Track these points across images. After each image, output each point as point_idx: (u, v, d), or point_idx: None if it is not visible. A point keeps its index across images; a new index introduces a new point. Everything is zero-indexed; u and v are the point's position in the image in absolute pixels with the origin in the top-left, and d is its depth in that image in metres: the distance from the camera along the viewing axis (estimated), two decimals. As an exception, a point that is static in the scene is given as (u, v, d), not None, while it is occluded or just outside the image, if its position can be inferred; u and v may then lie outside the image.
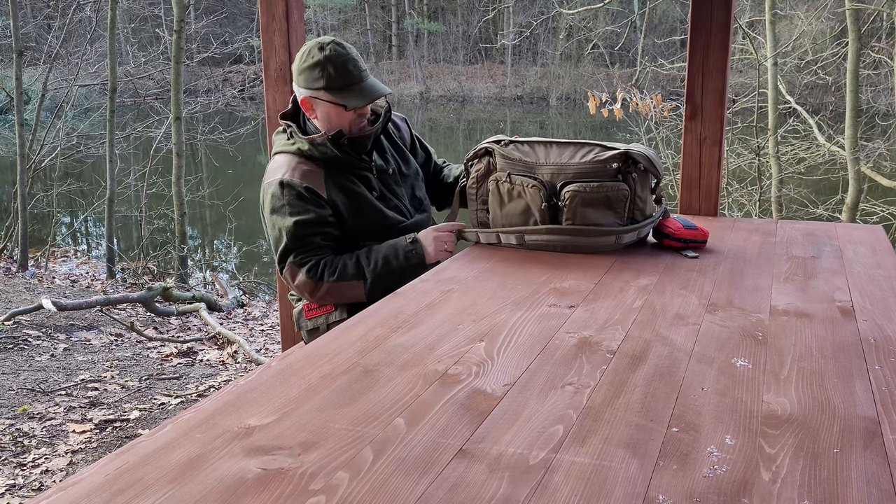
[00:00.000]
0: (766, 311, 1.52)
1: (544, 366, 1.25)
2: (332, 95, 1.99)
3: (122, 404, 3.53)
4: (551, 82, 26.11)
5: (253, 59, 20.71)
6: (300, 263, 1.99)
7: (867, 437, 1.00)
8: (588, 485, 0.89)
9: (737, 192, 7.07)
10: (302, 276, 1.99)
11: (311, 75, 1.99)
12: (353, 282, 2.00)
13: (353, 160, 2.07)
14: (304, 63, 2.00)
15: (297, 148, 2.04)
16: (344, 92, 1.99)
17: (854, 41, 6.75)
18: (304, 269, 1.99)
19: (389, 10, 30.25)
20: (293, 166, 2.01)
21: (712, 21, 2.48)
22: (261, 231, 10.48)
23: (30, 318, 4.96)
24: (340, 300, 2.06)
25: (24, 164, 7.78)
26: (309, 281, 1.99)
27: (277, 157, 2.08)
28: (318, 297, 2.02)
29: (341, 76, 1.98)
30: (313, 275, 1.98)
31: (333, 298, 2.05)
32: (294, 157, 2.03)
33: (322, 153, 2.02)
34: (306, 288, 2.01)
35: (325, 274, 1.99)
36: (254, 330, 5.47)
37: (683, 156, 2.62)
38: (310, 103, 2.04)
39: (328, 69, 1.97)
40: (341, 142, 2.02)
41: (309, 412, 1.08)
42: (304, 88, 2.02)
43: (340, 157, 2.03)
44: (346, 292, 2.01)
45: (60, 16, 11.16)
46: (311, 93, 2.02)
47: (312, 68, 1.98)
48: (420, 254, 2.02)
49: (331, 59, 1.97)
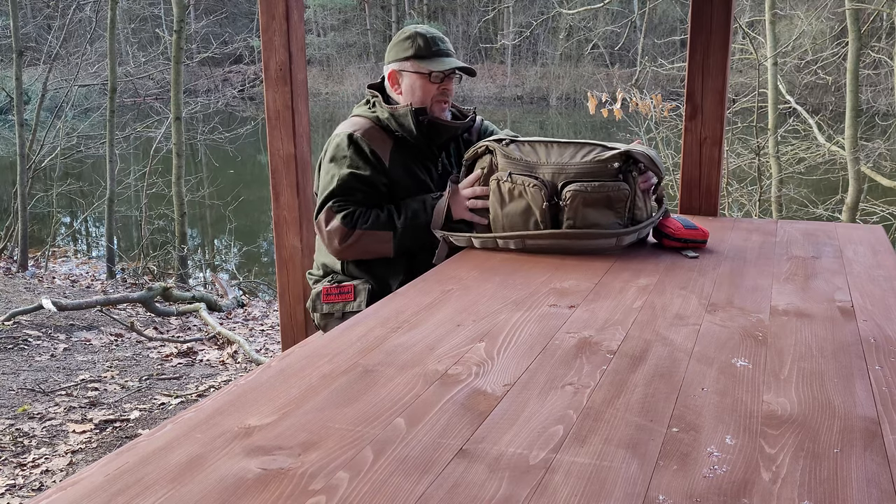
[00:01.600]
0: (766, 311, 1.52)
1: (544, 366, 1.25)
2: (418, 64, 2.10)
3: (122, 404, 3.53)
4: (551, 82, 26.10)
5: (253, 59, 20.70)
6: (338, 209, 2.04)
7: (867, 437, 1.00)
8: (588, 485, 0.89)
9: (737, 192, 7.07)
10: (337, 221, 2.03)
11: (401, 47, 2.12)
12: (383, 232, 2.04)
13: (424, 145, 2.14)
14: (398, 39, 2.15)
15: (375, 115, 2.12)
16: (430, 59, 2.10)
17: (854, 41, 6.75)
18: (340, 214, 2.03)
19: (389, 10, 30.25)
20: (366, 127, 2.10)
21: (712, 21, 2.48)
22: (261, 231, 10.49)
23: (30, 318, 4.96)
24: (367, 253, 2.08)
25: (24, 164, 7.78)
26: (342, 226, 2.02)
27: (352, 118, 2.16)
28: (347, 245, 2.04)
29: (429, 46, 2.10)
30: (348, 221, 2.02)
31: (359, 251, 2.06)
32: (369, 121, 2.12)
33: (399, 125, 2.09)
34: (337, 234, 2.03)
35: (359, 221, 2.03)
36: (254, 330, 5.47)
37: (683, 156, 2.61)
38: (396, 76, 2.15)
39: (418, 40, 2.10)
40: (421, 119, 2.09)
41: (309, 412, 1.08)
42: (393, 62, 2.14)
43: (415, 135, 2.09)
44: (374, 245, 2.05)
45: (60, 16, 11.16)
46: (399, 64, 2.13)
47: (404, 41, 2.12)
48: (446, 200, 2.05)
49: (421, 34, 2.12)
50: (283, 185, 2.61)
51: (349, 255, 2.09)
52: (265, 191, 3.71)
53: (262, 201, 10.21)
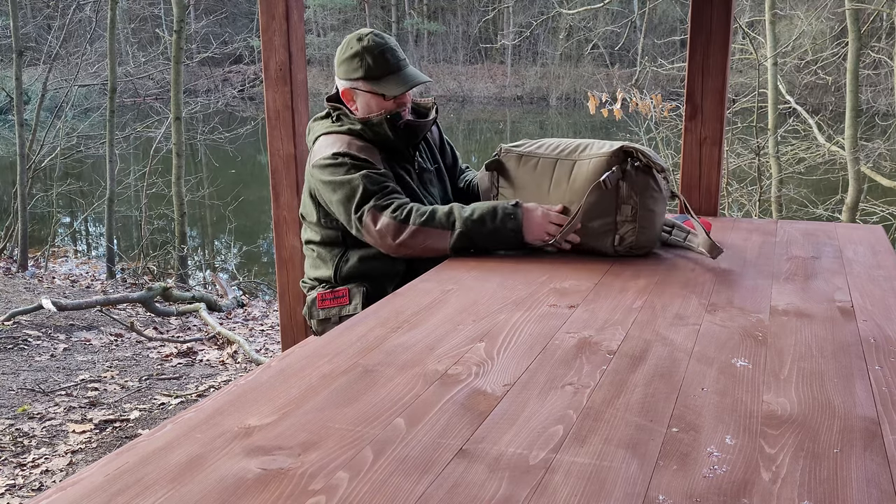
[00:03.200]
0: (766, 311, 1.52)
1: (544, 366, 1.25)
2: (370, 85, 2.02)
3: (122, 404, 3.53)
4: (551, 82, 26.10)
5: (253, 59, 20.71)
6: (382, 206, 1.90)
7: (867, 437, 1.00)
8: (588, 485, 0.89)
9: (737, 192, 7.07)
10: (386, 218, 1.89)
11: (350, 66, 2.02)
12: (440, 230, 1.90)
13: (401, 149, 2.08)
14: (344, 54, 2.04)
15: (347, 128, 2.03)
16: (382, 81, 2.01)
17: (854, 41, 6.75)
18: (387, 210, 1.90)
19: (389, 10, 30.24)
20: (347, 142, 2.00)
21: (712, 21, 2.48)
22: (261, 231, 10.48)
23: (30, 318, 4.96)
24: (421, 251, 1.93)
25: (24, 164, 7.78)
26: (393, 222, 1.89)
27: (324, 138, 2.04)
28: (402, 240, 1.90)
29: (379, 65, 2.00)
30: (398, 215, 1.89)
31: (414, 247, 1.91)
32: (345, 135, 2.03)
33: (376, 133, 2.02)
34: (390, 231, 1.89)
35: (412, 215, 1.90)
36: (254, 330, 5.47)
37: (683, 156, 2.62)
38: (350, 94, 2.07)
39: (366, 59, 2.00)
40: (398, 124, 2.02)
41: (309, 412, 1.08)
42: (345, 80, 2.06)
43: (391, 141, 2.03)
44: (429, 241, 1.91)
45: (60, 16, 11.16)
46: (351, 83, 2.04)
47: (351, 59, 2.02)
48: (519, 221, 1.91)
49: (369, 49, 2.00)
50: (283, 185, 2.61)
51: (404, 252, 1.94)
52: (265, 191, 3.72)
53: (262, 201, 10.21)
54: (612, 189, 1.90)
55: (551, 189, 1.99)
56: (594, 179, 1.91)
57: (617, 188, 1.91)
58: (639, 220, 1.91)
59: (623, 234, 1.92)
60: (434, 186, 2.19)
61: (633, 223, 1.91)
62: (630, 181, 1.90)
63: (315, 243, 2.15)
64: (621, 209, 1.91)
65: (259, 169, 13.03)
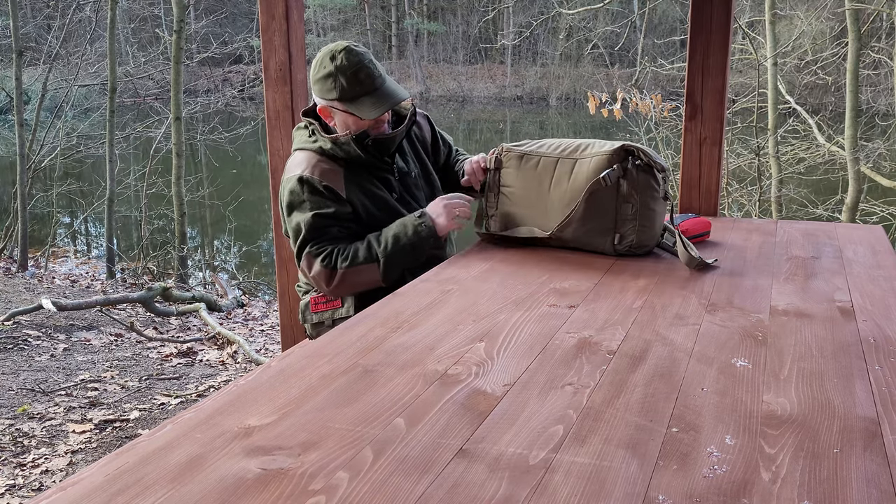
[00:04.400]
0: (766, 311, 1.52)
1: (544, 366, 1.25)
2: (345, 106, 1.99)
3: (122, 404, 3.53)
4: (551, 82, 26.10)
5: (253, 59, 20.71)
6: (315, 254, 1.96)
7: (867, 437, 1.00)
8: (588, 485, 0.89)
9: (737, 192, 7.07)
10: (317, 265, 1.96)
11: (323, 86, 1.98)
12: (366, 265, 1.96)
13: (376, 162, 2.06)
14: (318, 74, 1.99)
15: (318, 146, 2.02)
16: (357, 102, 1.97)
17: (854, 41, 6.75)
18: (318, 258, 1.96)
19: (389, 10, 30.24)
20: (313, 164, 2.00)
21: (712, 21, 2.48)
22: (261, 231, 10.49)
23: (30, 318, 4.96)
24: (358, 287, 2.00)
25: (24, 164, 7.78)
26: (324, 269, 1.95)
27: (297, 154, 2.06)
28: (335, 285, 1.97)
29: (353, 87, 1.95)
30: (327, 263, 1.95)
31: (350, 287, 1.99)
32: (314, 154, 2.02)
33: (345, 152, 2.01)
34: (322, 278, 1.97)
35: (338, 261, 1.95)
36: (254, 330, 5.47)
37: (683, 156, 2.62)
38: (328, 111, 2.04)
39: (340, 80, 1.95)
40: (365, 142, 2.01)
41: (309, 412, 1.08)
42: (320, 98, 2.02)
43: (363, 158, 2.02)
44: (361, 278, 1.97)
45: (60, 16, 11.16)
46: (327, 102, 2.02)
47: (325, 79, 1.97)
48: (430, 226, 1.99)
49: (342, 70, 1.94)
50: (283, 185, 2.61)
51: (342, 293, 2.03)
52: (265, 191, 3.72)
53: (262, 201, 10.22)
54: (612, 187, 1.90)
55: (552, 187, 1.99)
56: (595, 178, 1.91)
57: (618, 186, 1.91)
58: (639, 218, 1.91)
59: (623, 232, 1.92)
60: (420, 189, 2.18)
61: (633, 221, 1.91)
62: (631, 180, 1.90)
63: None
64: (622, 208, 1.91)
65: (259, 169, 13.03)
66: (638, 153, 1.91)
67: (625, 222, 1.92)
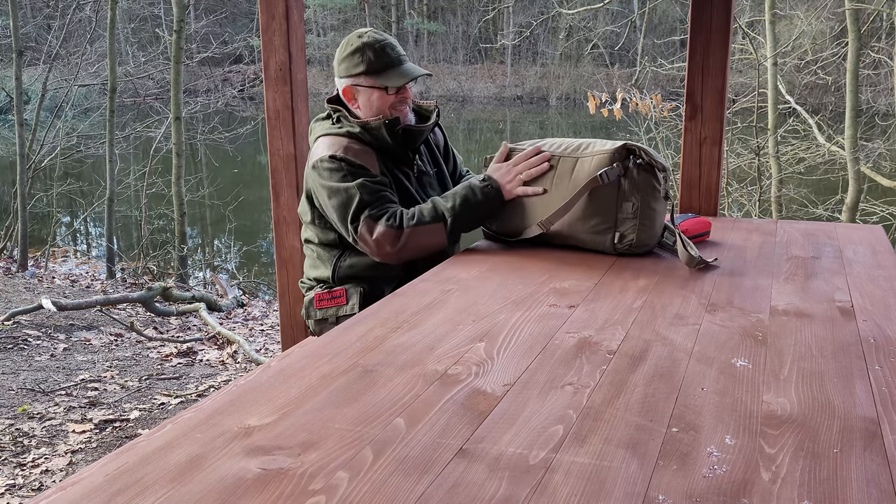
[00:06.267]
0: (766, 311, 1.52)
1: (544, 366, 1.25)
2: (372, 79, 2.04)
3: (122, 404, 3.53)
4: (551, 82, 26.11)
5: (253, 59, 20.72)
6: (377, 216, 1.95)
7: (867, 437, 1.00)
8: (588, 485, 0.89)
9: (737, 192, 7.07)
10: (382, 226, 1.94)
11: (351, 62, 2.05)
12: (433, 225, 1.97)
13: (399, 152, 2.09)
14: (345, 52, 2.06)
15: (346, 131, 2.05)
16: (383, 74, 2.04)
17: (854, 41, 6.75)
18: (382, 219, 1.94)
19: (389, 10, 30.25)
20: (344, 145, 2.01)
21: (712, 21, 2.48)
22: (261, 231, 10.48)
23: (30, 318, 4.96)
24: (422, 251, 2.00)
25: (24, 164, 7.78)
26: (389, 229, 1.93)
27: (322, 140, 2.07)
28: (400, 246, 1.95)
29: (380, 59, 2.03)
30: (392, 223, 1.94)
31: (414, 250, 1.97)
32: (343, 138, 2.04)
33: (374, 137, 2.04)
34: (388, 239, 1.94)
35: (404, 220, 1.95)
36: (254, 330, 5.47)
37: (683, 156, 2.62)
38: (352, 92, 2.08)
39: (367, 54, 2.03)
40: (396, 129, 2.04)
41: (309, 412, 1.08)
42: (346, 77, 2.08)
43: (390, 145, 2.05)
44: (427, 239, 1.97)
45: (60, 16, 11.16)
46: (352, 80, 2.06)
47: (352, 55, 2.05)
48: (496, 187, 2.02)
49: (369, 45, 2.03)
50: (283, 185, 2.61)
51: (405, 256, 1.99)
52: (265, 191, 3.72)
53: (262, 201, 10.21)
54: (613, 186, 1.90)
55: (553, 185, 1.99)
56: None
57: (618, 185, 1.91)
58: (640, 217, 1.91)
59: (623, 231, 1.92)
60: (434, 190, 2.20)
61: (633, 220, 1.91)
62: (632, 179, 1.90)
63: (314, 243, 2.15)
64: (622, 206, 1.91)
65: (259, 169, 13.03)
66: (639, 152, 1.91)
67: (625, 221, 1.92)
